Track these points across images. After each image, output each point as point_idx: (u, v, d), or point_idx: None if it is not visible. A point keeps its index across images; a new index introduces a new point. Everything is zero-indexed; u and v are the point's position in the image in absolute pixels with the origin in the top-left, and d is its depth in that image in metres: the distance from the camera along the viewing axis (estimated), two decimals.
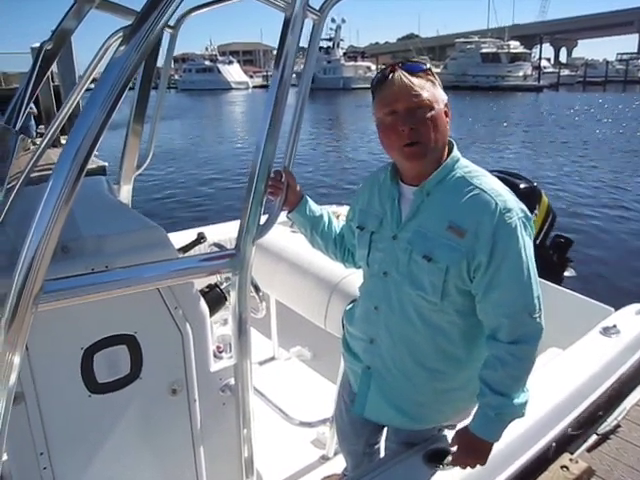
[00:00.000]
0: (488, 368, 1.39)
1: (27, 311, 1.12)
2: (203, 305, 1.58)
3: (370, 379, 1.58)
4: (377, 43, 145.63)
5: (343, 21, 71.15)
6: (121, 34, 1.64)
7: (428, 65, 1.42)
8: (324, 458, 2.31)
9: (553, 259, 3.82)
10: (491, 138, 20.16)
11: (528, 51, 54.88)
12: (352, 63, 65.16)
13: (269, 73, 76.05)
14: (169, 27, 2.32)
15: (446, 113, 1.41)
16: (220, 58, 76.21)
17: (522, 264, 1.33)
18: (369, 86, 1.47)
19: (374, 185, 1.59)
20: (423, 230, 1.41)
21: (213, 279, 1.91)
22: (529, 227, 1.37)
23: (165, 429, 1.60)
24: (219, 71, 70.57)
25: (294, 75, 1.50)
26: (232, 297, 1.48)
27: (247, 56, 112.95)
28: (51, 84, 13.39)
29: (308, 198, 1.70)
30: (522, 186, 3.67)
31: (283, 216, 1.71)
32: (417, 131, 1.34)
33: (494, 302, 1.36)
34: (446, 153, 1.44)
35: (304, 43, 1.54)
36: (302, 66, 1.58)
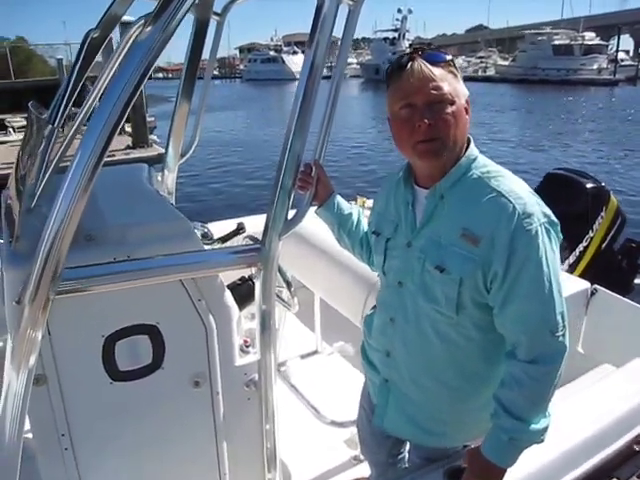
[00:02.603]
0: (504, 387, 1.27)
1: (46, 297, 1.13)
2: (228, 298, 1.56)
3: (389, 393, 1.50)
4: (444, 34, 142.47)
5: (410, 12, 69.94)
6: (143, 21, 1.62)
7: (450, 56, 1.29)
8: (356, 459, 2.25)
9: (622, 265, 3.59)
10: (560, 135, 19.32)
11: (604, 43, 51.70)
12: None
13: (333, 64, 75.88)
14: (216, 14, 2.30)
15: (466, 110, 1.29)
16: (285, 48, 76.60)
17: (542, 276, 1.19)
18: None
19: (391, 188, 1.49)
20: (436, 237, 1.30)
21: (246, 272, 1.89)
22: (554, 234, 1.24)
23: (187, 421, 1.59)
24: (283, 61, 70.94)
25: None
26: (256, 292, 1.45)
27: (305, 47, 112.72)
28: None
29: (337, 194, 1.63)
30: (589, 186, 3.47)
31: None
32: (435, 127, 1.23)
33: (512, 317, 1.24)
34: (463, 152, 1.32)
35: None
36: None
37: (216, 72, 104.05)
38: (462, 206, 1.28)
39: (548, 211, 1.25)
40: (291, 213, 1.46)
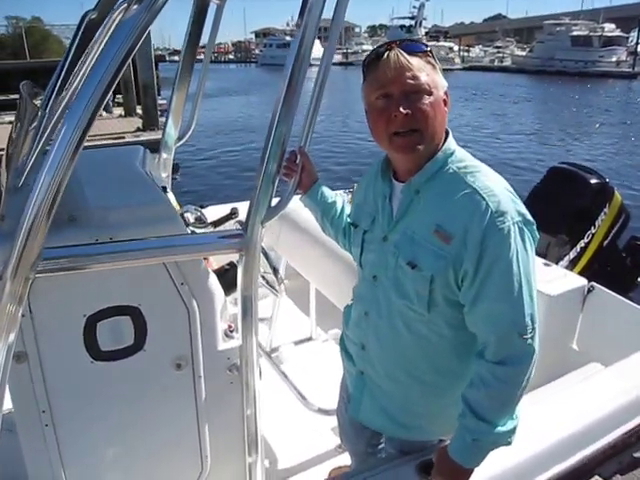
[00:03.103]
0: (471, 387, 1.26)
1: (25, 275, 1.15)
2: (212, 283, 1.56)
3: (364, 385, 1.51)
4: (462, 23, 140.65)
5: None
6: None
7: (429, 47, 1.27)
8: (341, 447, 2.27)
9: (626, 263, 3.55)
10: (573, 128, 19.05)
11: (625, 34, 50.49)
12: (434, 43, 63.02)
13: (349, 50, 75.56)
14: None
15: (445, 102, 1.27)
16: None
17: (513, 276, 1.18)
18: (450, 67, 1.36)
19: (371, 180, 1.47)
20: (410, 233, 1.29)
21: (236, 257, 1.89)
22: (528, 234, 1.21)
23: (169, 403, 1.60)
24: None
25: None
26: (238, 278, 1.45)
27: (328, 33, 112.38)
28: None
29: (321, 183, 1.62)
30: (592, 181, 3.45)
31: None
32: (412, 118, 1.21)
33: (482, 316, 1.23)
34: (441, 145, 1.30)
35: None
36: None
37: (231, 56, 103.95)
38: (437, 202, 1.26)
39: (523, 209, 1.23)
40: (275, 201, 1.46)
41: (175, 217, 1.50)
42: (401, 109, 1.20)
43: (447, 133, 1.32)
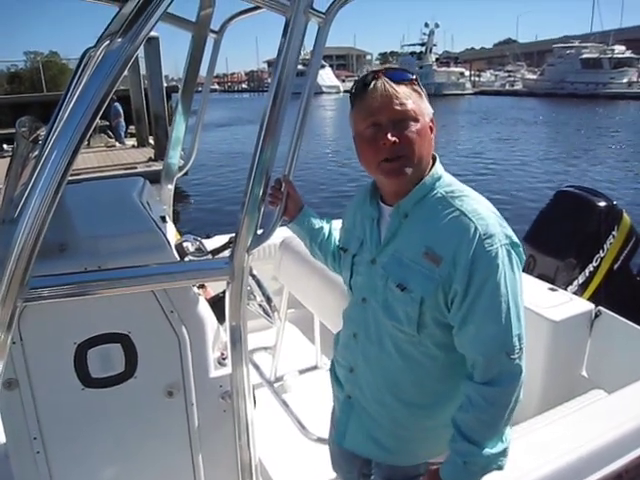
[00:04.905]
0: (460, 410, 1.26)
1: (13, 304, 1.17)
2: (202, 310, 1.57)
3: (351, 409, 1.50)
4: (472, 48, 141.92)
5: (437, 26, 70.17)
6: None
7: (414, 75, 1.30)
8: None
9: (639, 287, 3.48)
10: (584, 150, 18.88)
11: (635, 56, 50.45)
12: (444, 69, 63.71)
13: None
14: (213, 32, 2.35)
15: (431, 128, 1.30)
16: None
17: (501, 297, 1.19)
18: (461, 92, 1.36)
19: (359, 204, 1.49)
20: (399, 255, 1.30)
21: None
22: (515, 256, 1.23)
23: (161, 430, 1.61)
24: None
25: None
26: (226, 307, 1.46)
27: (340, 60, 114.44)
28: (142, 85, 14.24)
29: (308, 209, 1.64)
30: (600, 204, 3.40)
31: None
32: (399, 145, 1.24)
33: (469, 337, 1.23)
34: (428, 170, 1.32)
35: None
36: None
37: (245, 85, 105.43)
38: (425, 225, 1.28)
39: (510, 232, 1.25)
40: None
41: (164, 246, 1.52)
42: (389, 136, 1.23)
43: (434, 159, 1.35)
